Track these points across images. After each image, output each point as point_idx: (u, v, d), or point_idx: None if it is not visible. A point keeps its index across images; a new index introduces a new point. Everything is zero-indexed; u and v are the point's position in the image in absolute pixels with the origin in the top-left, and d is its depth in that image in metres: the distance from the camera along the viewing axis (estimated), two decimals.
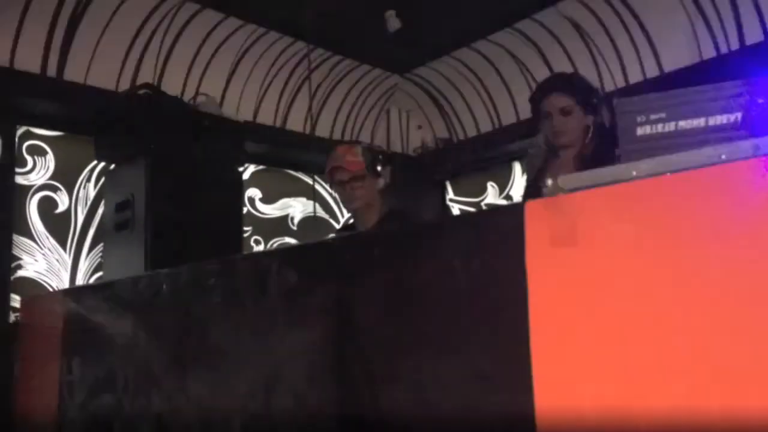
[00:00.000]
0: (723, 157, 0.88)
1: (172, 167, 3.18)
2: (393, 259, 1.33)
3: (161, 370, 1.85)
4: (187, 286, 1.88)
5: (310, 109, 4.75)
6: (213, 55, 4.21)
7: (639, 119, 1.18)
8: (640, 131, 1.16)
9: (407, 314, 1.23)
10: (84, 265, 3.79)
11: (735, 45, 3.69)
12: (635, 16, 4.01)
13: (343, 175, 2.42)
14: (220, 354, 1.65)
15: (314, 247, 1.78)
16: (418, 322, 1.19)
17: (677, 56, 3.92)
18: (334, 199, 4.95)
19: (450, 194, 5.54)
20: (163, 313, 1.94)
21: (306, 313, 1.48)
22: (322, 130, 4.94)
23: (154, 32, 3.88)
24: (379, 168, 2.46)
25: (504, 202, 5.12)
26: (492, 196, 5.22)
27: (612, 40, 4.17)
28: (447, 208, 5.53)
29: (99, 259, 3.74)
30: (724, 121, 1.09)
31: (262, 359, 1.52)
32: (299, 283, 1.49)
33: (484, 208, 5.24)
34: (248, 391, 1.53)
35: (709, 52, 3.79)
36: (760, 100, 1.08)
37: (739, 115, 1.08)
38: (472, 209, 5.33)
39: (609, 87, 4.18)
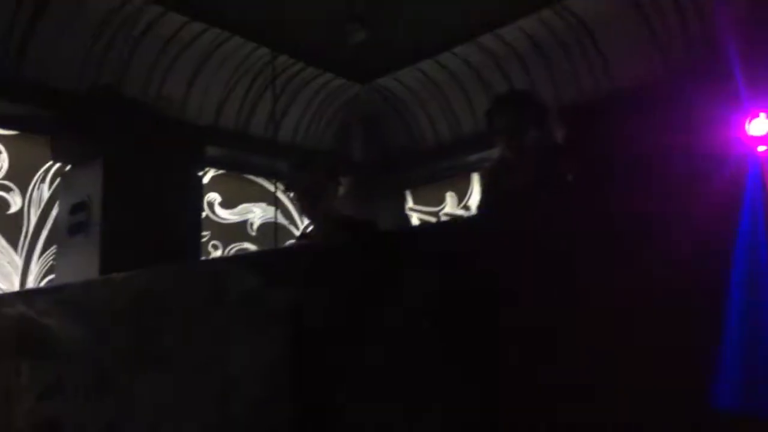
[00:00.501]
0: None
1: (130, 170, 3.14)
2: (353, 268, 1.36)
3: (114, 376, 1.84)
4: (143, 291, 1.87)
5: (272, 114, 4.76)
6: (176, 58, 4.18)
7: None
8: None
9: (371, 325, 1.26)
10: (35, 268, 3.71)
11: (684, 65, 3.85)
12: (590, 35, 4.15)
13: (300, 187, 2.45)
14: (176, 361, 1.65)
15: (273, 253, 1.80)
16: (378, 331, 1.23)
17: (630, 75, 4.06)
18: (295, 205, 4.96)
19: (409, 203, 5.60)
20: (117, 318, 1.93)
21: (263, 321, 1.49)
22: (284, 136, 4.94)
23: (116, 33, 3.84)
24: (336, 179, 2.50)
25: (462, 213, 5.20)
26: (451, 205, 5.30)
27: (569, 58, 4.30)
28: (406, 217, 5.59)
29: (51, 262, 3.67)
30: None
31: (217, 366, 1.53)
32: (257, 289, 1.50)
33: (442, 218, 5.32)
34: (203, 399, 1.54)
35: (658, 73, 3.94)
36: None
37: None
38: (430, 218, 5.40)
39: (564, 102, 4.30)
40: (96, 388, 1.85)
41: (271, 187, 4.95)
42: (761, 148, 1.04)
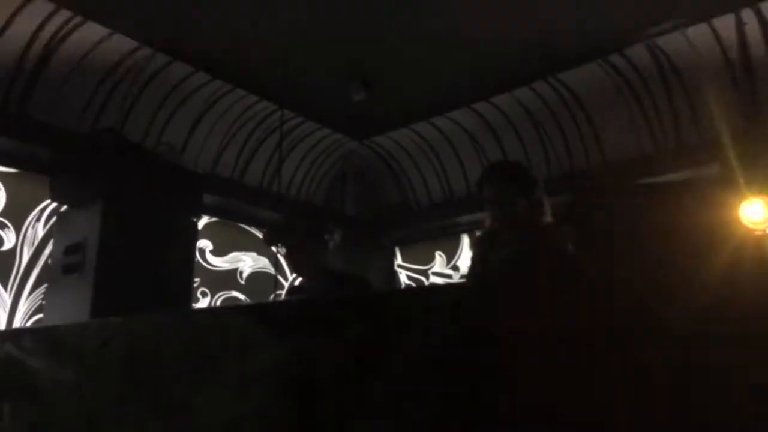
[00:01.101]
0: None
1: (127, 213, 3.16)
2: (353, 323, 1.38)
3: (105, 422, 1.83)
4: (140, 336, 1.87)
5: (280, 166, 4.85)
6: (179, 106, 4.26)
7: None
8: None
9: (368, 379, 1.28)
10: (23, 306, 3.68)
11: (672, 142, 4.00)
12: (582, 108, 4.30)
13: (286, 245, 2.50)
14: (171, 409, 1.65)
15: (271, 305, 1.82)
16: (377, 386, 1.24)
17: (621, 149, 4.20)
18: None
19: (398, 260, 5.64)
20: (111, 363, 1.92)
21: (262, 372, 1.50)
22: (278, 187, 5.01)
23: (122, 78, 3.93)
24: (321, 238, 2.54)
25: (451, 272, 5.25)
26: (440, 264, 5.35)
27: (560, 128, 4.45)
28: (394, 274, 5.63)
29: (40, 302, 3.65)
30: None
31: (214, 416, 1.53)
32: (256, 340, 1.51)
33: (430, 276, 5.36)
34: None
35: (648, 148, 4.08)
36: None
37: None
38: (419, 276, 5.44)
39: (555, 172, 4.42)
40: None
41: (262, 237, 4.98)
42: (758, 231, 1.09)
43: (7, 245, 3.69)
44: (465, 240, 5.20)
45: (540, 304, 1.06)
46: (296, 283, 2.71)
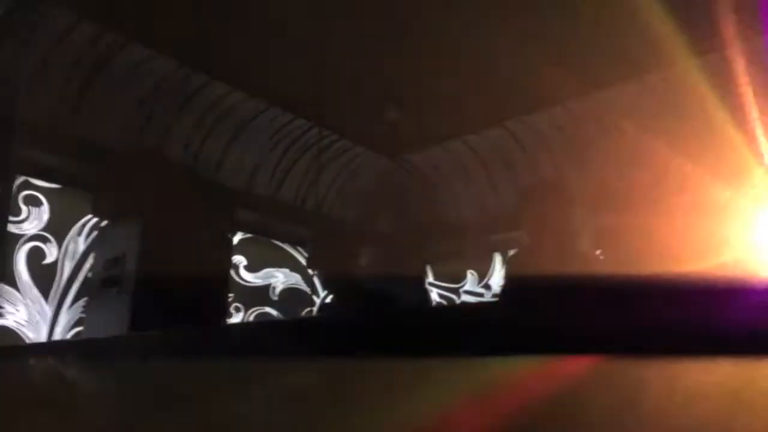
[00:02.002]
0: None
1: (165, 229, 3.23)
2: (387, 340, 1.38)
3: None
4: (178, 350, 1.90)
5: (302, 182, 4.90)
6: (216, 123, 4.36)
7: None
8: None
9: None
10: (63, 319, 3.77)
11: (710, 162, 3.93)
12: (618, 128, 4.27)
13: (321, 263, 2.53)
14: (208, 422, 1.67)
15: (310, 321, 1.84)
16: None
17: (655, 167, 4.15)
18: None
19: (430, 278, 5.63)
20: (149, 376, 1.95)
21: (299, 387, 1.52)
22: (312, 204, 5.07)
23: (162, 98, 4.03)
24: (355, 255, 2.57)
25: (482, 291, 5.22)
26: (471, 283, 5.33)
27: (594, 146, 4.41)
28: (426, 291, 5.61)
29: (80, 315, 3.73)
30: None
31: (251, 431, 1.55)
32: (292, 357, 1.53)
33: (462, 295, 5.33)
34: None
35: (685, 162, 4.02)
36: None
37: None
38: (450, 295, 5.42)
39: (592, 191, 4.38)
40: None
41: (296, 253, 5.03)
42: None
43: (49, 259, 3.79)
44: (497, 259, 5.18)
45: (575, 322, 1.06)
46: (327, 300, 2.73)
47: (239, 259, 4.75)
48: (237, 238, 4.70)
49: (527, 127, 4.60)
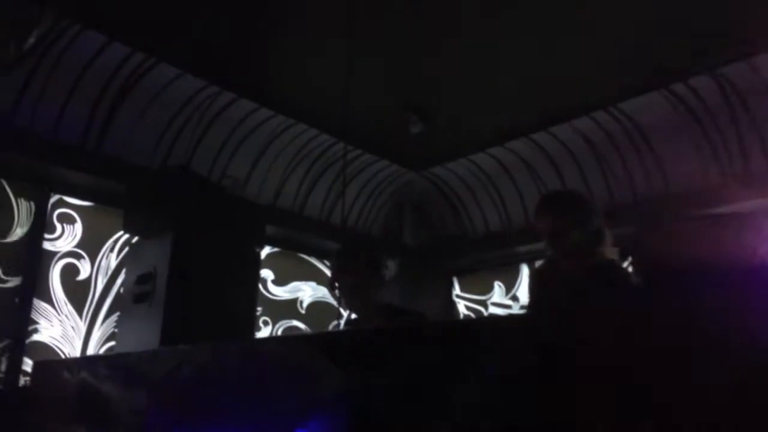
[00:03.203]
0: None
1: (195, 245, 3.27)
2: (415, 354, 1.39)
3: None
4: (208, 364, 1.93)
5: (327, 196, 4.94)
6: (242, 141, 4.42)
7: None
8: None
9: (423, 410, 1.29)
10: (97, 334, 3.85)
11: (739, 172, 3.88)
12: (644, 137, 4.24)
13: (344, 284, 2.52)
14: None
15: (336, 335, 1.85)
16: (437, 418, 1.25)
17: (686, 180, 4.10)
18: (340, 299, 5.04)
19: (456, 290, 5.62)
20: (180, 388, 1.98)
21: (325, 400, 1.53)
22: (337, 218, 5.10)
23: (191, 116, 4.11)
24: (380, 274, 2.55)
25: (510, 303, 5.19)
26: (498, 295, 5.30)
27: (622, 158, 4.38)
28: (453, 304, 5.60)
29: (112, 329, 3.80)
30: None
31: None
32: (320, 369, 1.54)
33: (489, 306, 5.31)
34: None
35: (715, 178, 3.97)
36: None
37: None
38: (477, 306, 5.40)
39: (618, 202, 4.35)
40: None
41: (322, 266, 5.07)
42: None
43: (83, 275, 3.88)
44: (524, 270, 5.15)
45: (603, 336, 1.06)
46: (353, 316, 2.72)
47: (267, 273, 4.80)
48: (264, 253, 4.75)
49: (552, 137, 4.58)
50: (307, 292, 5.04)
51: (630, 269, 2.05)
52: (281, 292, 4.88)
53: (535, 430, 1.13)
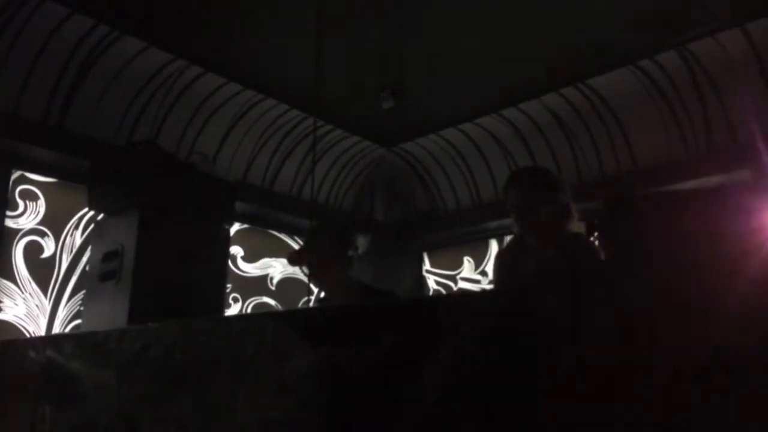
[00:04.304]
0: None
1: (162, 221, 3.22)
2: (386, 330, 1.39)
3: (144, 425, 1.88)
4: (177, 342, 1.91)
5: (298, 172, 4.90)
6: (210, 116, 4.35)
7: None
8: None
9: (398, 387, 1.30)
10: (62, 313, 3.79)
11: (704, 147, 3.95)
12: (613, 114, 4.28)
13: (310, 261, 2.51)
14: (208, 412, 1.69)
15: (307, 312, 1.85)
16: (410, 394, 1.26)
17: (651, 154, 4.17)
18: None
19: (427, 266, 5.65)
20: (149, 367, 1.96)
21: (296, 377, 1.53)
22: (308, 194, 5.07)
23: (156, 90, 4.02)
24: (346, 250, 2.54)
25: (479, 277, 5.24)
26: (468, 270, 5.35)
27: (590, 134, 4.42)
28: (423, 279, 5.64)
29: (78, 307, 3.75)
30: None
31: (250, 420, 1.57)
32: (290, 346, 1.54)
33: (459, 281, 5.36)
34: None
35: (679, 153, 4.04)
36: None
37: None
38: (447, 282, 5.44)
39: (586, 178, 4.40)
40: None
41: (293, 243, 5.04)
42: None
43: (47, 253, 3.80)
44: (493, 245, 5.20)
45: (569, 311, 1.07)
46: (323, 295, 2.72)
47: (237, 250, 4.77)
48: (234, 229, 4.71)
49: (522, 114, 4.61)
50: (277, 268, 5.02)
51: (596, 244, 2.08)
52: (251, 269, 4.86)
53: (503, 404, 1.14)
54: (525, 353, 1.09)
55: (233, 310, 4.59)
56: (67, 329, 3.75)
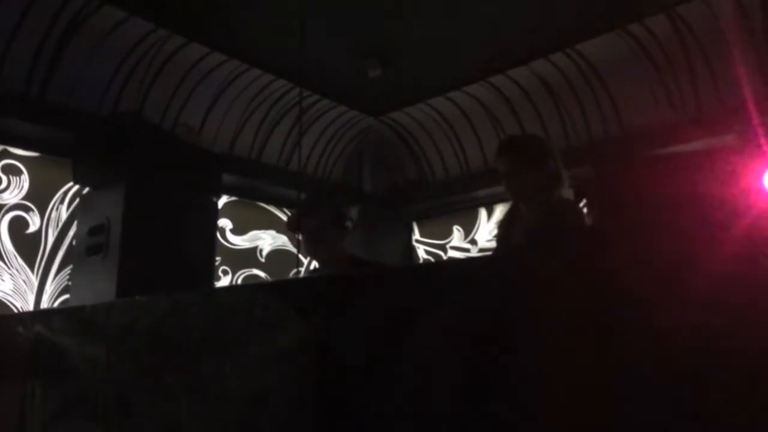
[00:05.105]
0: None
1: (149, 194, 3.19)
2: (375, 300, 1.39)
3: (135, 398, 1.87)
4: (167, 315, 1.91)
5: (285, 143, 4.86)
6: (195, 87, 4.28)
7: None
8: None
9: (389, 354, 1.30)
10: (50, 288, 3.76)
11: (692, 111, 3.94)
12: (600, 78, 4.25)
13: (305, 231, 2.50)
14: (198, 384, 1.68)
15: (299, 282, 1.85)
16: (399, 362, 1.26)
17: (639, 119, 4.16)
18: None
19: (416, 235, 5.66)
20: (138, 340, 1.96)
21: (285, 348, 1.53)
22: (296, 165, 5.04)
23: (139, 61, 3.95)
24: (342, 223, 2.53)
25: (468, 246, 5.26)
26: (457, 239, 5.36)
27: (578, 100, 4.40)
28: (412, 249, 5.65)
29: (66, 282, 3.72)
30: None
31: (240, 390, 1.57)
32: (279, 317, 1.54)
33: (449, 250, 5.37)
34: (226, 424, 1.57)
35: (667, 118, 4.03)
36: None
37: None
38: (437, 251, 5.45)
39: (574, 143, 4.39)
40: (113, 410, 1.88)
41: (282, 215, 5.02)
42: None
43: (32, 228, 3.76)
44: (482, 214, 5.20)
45: (557, 277, 1.07)
46: (313, 266, 2.71)
47: (225, 223, 4.74)
48: (222, 202, 4.68)
49: (510, 81, 4.57)
50: (266, 240, 5.01)
51: (585, 210, 2.08)
52: (240, 241, 4.84)
53: (494, 371, 1.14)
54: (511, 319, 1.08)
55: (223, 282, 4.59)
56: (56, 304, 3.73)
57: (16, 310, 3.55)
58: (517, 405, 1.08)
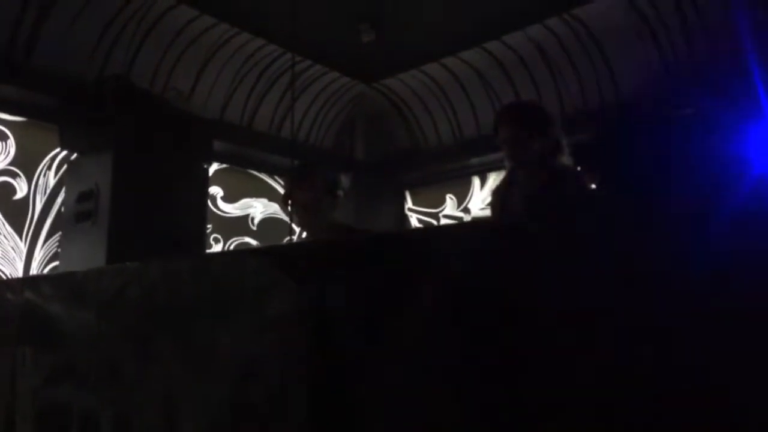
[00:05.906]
0: None
1: (138, 160, 3.15)
2: (371, 265, 1.37)
3: (126, 364, 1.86)
4: (158, 281, 1.88)
5: (276, 110, 4.79)
6: (184, 51, 4.20)
7: None
8: None
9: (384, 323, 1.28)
10: (39, 254, 3.72)
11: (687, 75, 3.90)
12: (597, 44, 4.20)
13: (297, 201, 2.47)
14: (190, 350, 1.67)
15: (292, 248, 1.82)
16: (395, 329, 1.25)
17: (635, 83, 4.12)
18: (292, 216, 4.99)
19: (409, 203, 5.64)
20: (129, 307, 1.94)
21: (279, 314, 1.51)
22: (288, 132, 4.98)
23: (127, 23, 3.85)
24: (335, 193, 2.50)
25: (461, 214, 5.25)
26: (450, 207, 5.34)
27: (574, 66, 4.35)
28: (405, 217, 5.63)
29: (55, 249, 3.68)
30: None
31: (234, 357, 1.55)
32: (276, 283, 1.52)
33: (441, 219, 5.36)
34: (215, 390, 1.56)
35: (662, 84, 4.00)
36: None
37: None
38: (430, 219, 5.44)
39: (569, 110, 4.35)
40: (104, 376, 1.87)
41: (273, 183, 4.98)
42: None
43: (20, 194, 3.70)
44: (476, 182, 5.18)
45: (558, 244, 1.05)
46: (305, 235, 2.68)
47: (216, 190, 4.70)
48: (212, 169, 4.62)
49: (505, 46, 4.50)
50: (258, 208, 4.97)
51: (584, 176, 2.07)
52: (232, 209, 4.80)
53: (489, 336, 1.13)
54: (510, 285, 1.07)
55: (215, 250, 4.56)
56: (45, 271, 3.69)
57: (4, 277, 3.52)
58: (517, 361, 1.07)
